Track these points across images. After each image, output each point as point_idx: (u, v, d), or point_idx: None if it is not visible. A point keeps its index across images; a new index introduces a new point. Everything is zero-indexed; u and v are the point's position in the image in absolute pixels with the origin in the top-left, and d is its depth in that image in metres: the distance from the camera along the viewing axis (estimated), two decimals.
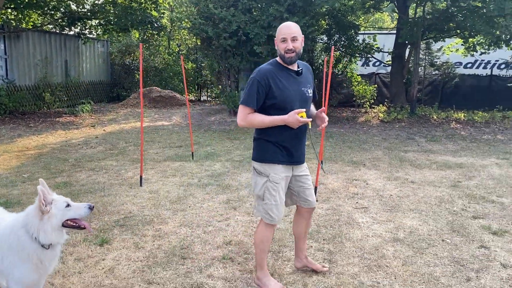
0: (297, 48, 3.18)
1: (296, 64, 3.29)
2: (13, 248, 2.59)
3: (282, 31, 3.21)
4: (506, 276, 3.70)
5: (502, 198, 6.08)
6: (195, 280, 3.53)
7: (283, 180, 3.31)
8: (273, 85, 3.16)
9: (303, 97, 3.27)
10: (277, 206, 3.30)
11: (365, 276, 3.66)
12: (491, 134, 12.39)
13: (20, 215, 2.70)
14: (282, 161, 3.27)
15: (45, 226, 2.59)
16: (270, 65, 3.27)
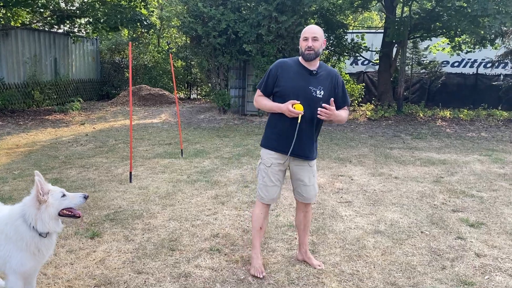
0: (316, 48, 3.44)
1: (317, 65, 3.54)
2: (11, 237, 2.71)
3: (305, 32, 3.49)
4: (478, 265, 3.90)
5: (482, 193, 6.30)
6: (183, 270, 3.68)
7: (276, 166, 3.57)
8: (281, 75, 3.50)
9: (308, 95, 3.44)
10: (266, 187, 3.61)
11: (346, 265, 3.84)
12: (475, 132, 12.68)
13: (17, 206, 2.82)
14: (275, 148, 3.55)
15: (42, 215, 2.71)
16: (290, 60, 3.62)
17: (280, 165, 3.59)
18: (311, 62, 3.50)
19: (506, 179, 7.13)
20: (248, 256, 3.96)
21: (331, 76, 3.58)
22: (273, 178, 3.61)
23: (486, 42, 16.01)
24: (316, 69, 3.52)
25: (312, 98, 3.44)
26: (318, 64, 3.55)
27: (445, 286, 3.52)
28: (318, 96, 3.45)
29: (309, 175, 3.66)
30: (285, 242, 4.33)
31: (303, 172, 3.64)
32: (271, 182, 3.61)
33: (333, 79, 3.57)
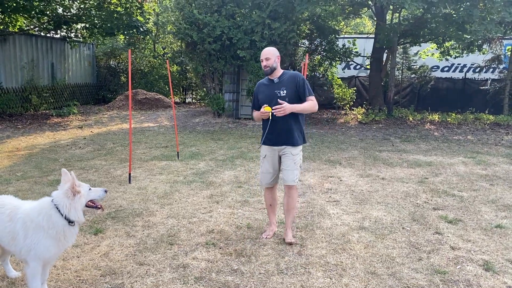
0: (270, 64, 4.51)
1: (278, 75, 4.58)
2: (42, 226, 3.08)
3: (261, 55, 4.56)
4: (452, 256, 4.26)
5: (462, 192, 6.67)
6: (181, 262, 4.01)
7: (268, 157, 4.62)
8: (259, 91, 4.70)
9: (274, 97, 4.46)
10: (262, 173, 4.73)
11: (331, 257, 4.18)
12: (462, 135, 13.09)
13: (46, 199, 3.21)
14: (264, 142, 4.59)
15: (75, 205, 3.12)
16: (263, 79, 4.76)
17: (271, 155, 4.59)
18: (272, 74, 4.57)
19: (487, 180, 7.51)
20: (240, 249, 4.30)
21: (293, 77, 4.55)
22: (267, 167, 4.64)
23: (474, 48, 16.50)
24: (278, 77, 4.57)
25: (278, 98, 4.42)
26: (280, 73, 4.60)
27: (420, 275, 3.86)
28: (282, 95, 4.45)
29: (289, 162, 4.51)
30: (275, 237, 4.66)
31: (285, 159, 4.54)
32: (265, 170, 4.67)
33: (294, 80, 4.52)
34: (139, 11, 16.82)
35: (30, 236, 3.09)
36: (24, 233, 3.10)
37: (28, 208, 3.21)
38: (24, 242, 3.09)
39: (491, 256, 4.29)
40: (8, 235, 3.16)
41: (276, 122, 4.39)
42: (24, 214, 3.14)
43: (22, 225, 3.11)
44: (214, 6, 14.07)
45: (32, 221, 3.10)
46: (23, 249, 3.11)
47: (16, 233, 3.12)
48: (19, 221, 3.13)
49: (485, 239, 4.72)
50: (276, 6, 13.47)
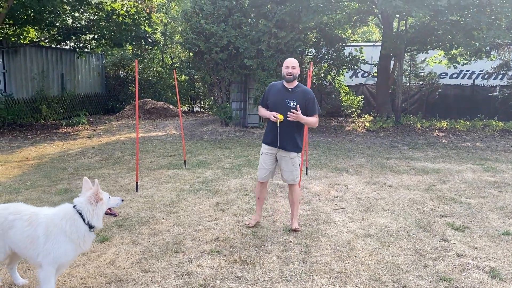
0: (294, 73, 4.97)
1: (294, 85, 5.02)
2: (65, 230, 3.25)
3: (287, 62, 4.98)
4: (458, 263, 4.23)
5: (470, 199, 6.63)
6: (186, 269, 4.03)
7: (266, 155, 5.08)
8: (270, 93, 5.11)
9: (284, 105, 4.90)
10: (260, 169, 5.19)
11: (335, 264, 4.18)
12: (471, 142, 13.00)
13: (67, 205, 3.40)
14: (265, 141, 5.10)
15: (98, 211, 3.34)
16: (278, 82, 5.19)
17: (269, 153, 5.06)
18: (291, 83, 4.99)
19: (496, 187, 7.45)
20: (245, 256, 4.31)
21: (305, 93, 5.01)
22: (263, 163, 5.11)
23: (482, 54, 16.43)
24: (293, 87, 5.00)
25: (286, 107, 4.85)
26: (295, 84, 5.02)
27: (425, 282, 3.85)
28: (291, 106, 4.87)
29: (288, 164, 5.03)
30: (280, 245, 4.67)
31: (284, 161, 5.04)
32: (261, 166, 5.15)
33: (306, 95, 4.99)
34: (147, 22, 17.04)
35: (51, 239, 3.23)
36: (45, 237, 3.23)
37: (49, 213, 3.37)
38: (44, 246, 3.22)
39: (497, 263, 4.25)
40: (26, 240, 3.26)
41: (282, 127, 4.85)
42: (46, 219, 3.29)
43: (44, 229, 3.25)
44: (221, 16, 14.21)
45: (55, 225, 3.26)
46: (42, 253, 3.22)
47: (36, 237, 3.24)
48: (41, 226, 3.26)
49: (492, 246, 4.69)
50: (282, 15, 13.56)
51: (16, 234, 3.29)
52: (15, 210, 3.38)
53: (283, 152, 4.99)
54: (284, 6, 13.76)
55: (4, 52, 14.75)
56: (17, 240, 3.30)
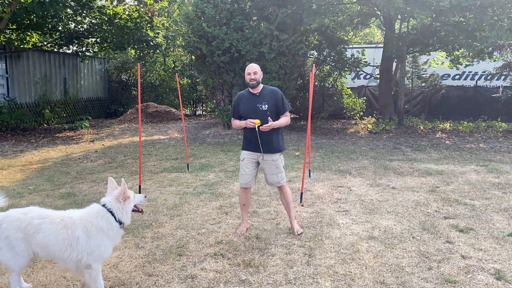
0: (256, 78, 5.01)
1: (259, 89, 5.07)
2: (102, 228, 3.42)
3: (248, 69, 5.04)
4: (463, 265, 4.21)
5: (474, 201, 6.60)
6: (190, 272, 4.02)
7: (246, 160, 5.13)
8: (240, 103, 5.15)
9: (256, 110, 5.01)
10: (242, 175, 5.19)
11: (340, 267, 4.16)
12: (474, 143, 12.96)
13: (96, 205, 3.56)
14: (245, 148, 5.15)
15: (126, 209, 3.55)
16: (244, 91, 5.24)
17: (250, 159, 5.11)
18: (255, 88, 5.06)
19: (500, 188, 7.41)
20: (249, 259, 4.30)
21: (272, 93, 5.09)
22: (245, 168, 5.13)
23: (485, 55, 16.40)
24: (260, 91, 5.08)
25: (259, 111, 4.99)
26: (261, 88, 5.09)
27: (430, 284, 3.82)
28: (263, 109, 4.99)
29: (272, 167, 5.09)
30: (284, 248, 4.66)
31: (267, 165, 5.09)
32: (243, 171, 5.15)
33: (274, 95, 5.07)
34: (149, 26, 17.08)
35: (93, 237, 3.38)
36: (86, 236, 3.36)
37: (82, 214, 3.50)
38: (87, 244, 3.36)
39: (503, 265, 4.23)
40: (63, 243, 3.33)
41: (260, 134, 4.93)
42: (82, 219, 3.41)
43: (82, 229, 3.37)
44: (223, 19, 14.23)
45: (92, 224, 3.40)
46: (85, 252, 3.35)
47: (75, 238, 3.34)
48: (79, 227, 3.37)
49: (497, 248, 4.66)
50: (284, 18, 13.57)
51: (48, 237, 3.32)
52: (40, 214, 3.43)
53: (266, 156, 5.04)
54: (285, 9, 13.78)
55: (7, 56, 14.81)
56: (50, 244, 3.33)
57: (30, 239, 3.33)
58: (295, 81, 15.97)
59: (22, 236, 3.33)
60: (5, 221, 3.37)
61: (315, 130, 15.35)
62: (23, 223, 3.34)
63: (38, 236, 3.32)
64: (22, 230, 3.33)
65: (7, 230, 3.33)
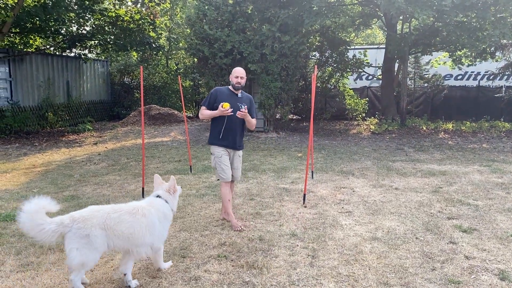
0: (242, 83, 5.46)
1: (240, 91, 5.54)
2: (166, 215, 4.04)
3: (237, 72, 5.47)
4: (467, 266, 4.20)
5: (477, 201, 6.58)
6: (193, 274, 4.03)
7: (225, 155, 5.47)
8: (219, 96, 5.44)
9: (236, 108, 5.34)
10: (225, 169, 5.46)
11: (343, 268, 4.16)
12: (477, 143, 12.94)
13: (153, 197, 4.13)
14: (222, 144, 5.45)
15: (175, 199, 4.21)
16: (223, 87, 5.63)
17: (226, 154, 5.48)
18: (238, 90, 5.51)
19: (503, 188, 7.40)
20: (252, 261, 4.31)
21: (249, 99, 5.64)
22: (225, 162, 5.45)
23: (487, 55, 16.37)
24: (241, 94, 5.56)
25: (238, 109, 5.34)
26: (241, 91, 5.56)
27: (434, 285, 3.82)
28: (243, 109, 5.34)
29: (239, 163, 5.64)
30: (287, 249, 4.66)
31: (236, 160, 5.61)
32: (225, 166, 5.44)
33: (250, 101, 5.61)
34: (151, 27, 17.13)
35: (161, 223, 3.95)
36: (159, 222, 3.92)
37: (148, 203, 4.01)
38: (159, 229, 3.91)
39: (506, 265, 4.22)
40: (145, 230, 3.76)
41: (231, 125, 5.39)
42: (153, 208, 3.93)
43: (156, 216, 3.90)
44: (225, 21, 14.26)
45: (160, 211, 3.98)
46: (157, 236, 3.90)
47: (153, 224, 3.83)
48: (153, 214, 3.88)
49: (501, 248, 4.65)
50: (285, 19, 13.59)
51: (132, 226, 3.69)
52: (113, 208, 3.75)
53: (237, 152, 5.59)
54: (287, 10, 13.80)
55: (10, 60, 14.88)
56: (135, 231, 3.70)
57: (110, 232, 3.59)
58: (297, 83, 15.99)
59: (102, 232, 3.56)
60: (79, 221, 3.53)
61: (317, 131, 15.34)
62: (100, 219, 3.58)
63: (120, 227, 3.63)
64: (101, 226, 3.56)
65: (86, 229, 3.50)
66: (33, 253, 4.57)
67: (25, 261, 4.37)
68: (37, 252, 4.59)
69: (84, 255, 3.48)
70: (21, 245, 4.83)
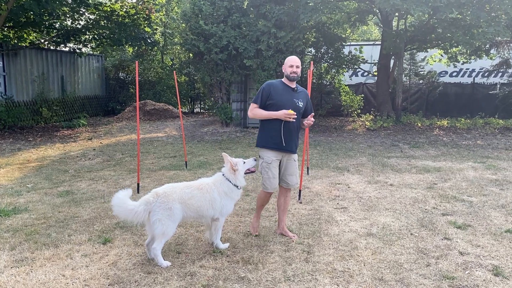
0: (298, 73, 4.79)
1: (295, 84, 4.86)
2: (226, 191, 4.43)
3: (291, 60, 4.79)
4: (461, 262, 4.23)
5: (472, 198, 6.62)
6: (189, 270, 4.03)
7: (275, 162, 4.79)
8: (273, 92, 4.74)
9: (293, 105, 4.73)
10: (270, 179, 4.80)
11: (338, 264, 4.17)
12: (471, 140, 13.00)
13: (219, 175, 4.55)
14: (273, 147, 4.75)
15: (238, 176, 4.49)
16: (275, 81, 4.91)
17: (277, 160, 4.80)
18: (293, 82, 4.82)
19: (497, 185, 7.44)
20: (248, 256, 4.31)
21: (305, 93, 4.98)
22: (273, 171, 4.79)
23: (482, 53, 16.42)
24: (295, 87, 4.87)
25: (296, 107, 4.72)
26: (295, 83, 4.89)
27: (428, 280, 3.84)
28: (300, 106, 4.79)
29: (294, 167, 4.90)
30: (282, 245, 4.67)
31: (291, 164, 4.87)
32: (272, 175, 4.79)
33: (306, 96, 4.97)
34: (146, 23, 17.04)
35: (222, 198, 4.40)
36: (220, 197, 4.38)
37: (212, 181, 4.50)
38: (220, 203, 4.38)
39: (500, 261, 4.25)
40: (209, 203, 4.33)
41: (289, 126, 4.71)
42: (214, 186, 4.41)
43: (217, 192, 4.38)
44: (220, 17, 14.21)
45: (221, 187, 4.43)
46: (218, 209, 4.38)
47: (214, 199, 4.35)
48: (215, 190, 4.39)
49: (495, 244, 4.68)
50: (281, 15, 13.55)
51: (200, 200, 4.30)
52: (186, 185, 4.40)
53: (289, 156, 4.84)
54: (282, 6, 13.76)
55: (4, 54, 14.76)
56: (201, 205, 4.30)
57: (185, 205, 4.23)
58: None
59: (181, 205, 4.20)
60: (163, 195, 4.18)
61: (313, 128, 15.35)
62: (178, 194, 4.22)
63: (192, 201, 4.26)
64: (179, 200, 4.20)
65: (169, 203, 4.14)
66: (27, 249, 4.55)
67: (19, 257, 4.34)
68: (31, 248, 4.57)
69: (166, 225, 4.10)
70: (15, 240, 4.80)
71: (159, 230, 4.07)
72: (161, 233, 4.09)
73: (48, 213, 5.81)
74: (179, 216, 4.22)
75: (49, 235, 4.97)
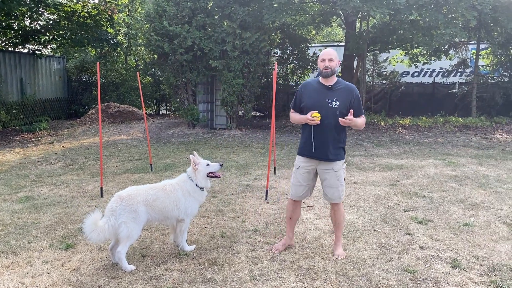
0: (332, 67, 4.19)
1: (333, 81, 4.25)
2: (190, 191, 4.41)
3: (323, 54, 4.26)
4: (422, 256, 4.36)
5: (432, 194, 6.83)
6: (154, 273, 3.98)
7: (302, 168, 4.37)
8: (304, 93, 4.31)
9: (324, 106, 4.14)
10: (294, 186, 4.50)
11: (303, 261, 4.22)
12: (432, 138, 13.41)
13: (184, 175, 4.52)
14: (301, 153, 4.40)
15: (198, 176, 4.44)
16: (312, 80, 4.44)
17: (307, 168, 4.34)
18: (328, 78, 4.22)
19: (456, 181, 7.71)
20: (214, 258, 4.30)
21: (348, 91, 4.24)
22: (300, 178, 4.40)
23: (441, 53, 16.99)
24: (333, 84, 4.23)
25: (328, 109, 4.13)
26: (335, 80, 4.25)
27: (390, 275, 3.94)
28: (333, 107, 4.14)
29: (332, 179, 4.29)
30: (249, 245, 4.68)
31: (327, 175, 4.29)
32: (297, 182, 4.44)
33: (350, 93, 4.23)
34: (109, 23, 16.72)
35: (186, 198, 4.39)
36: (184, 197, 4.38)
37: (176, 181, 4.49)
38: (185, 204, 4.37)
39: (458, 253, 4.40)
40: (173, 204, 4.32)
41: (324, 134, 4.14)
42: (178, 186, 4.41)
43: (181, 192, 4.38)
44: (185, 17, 14.11)
45: (183, 188, 4.41)
46: (183, 210, 4.36)
47: (179, 199, 4.35)
48: (179, 190, 4.38)
49: (453, 238, 4.85)
50: (245, 16, 13.59)
51: (165, 201, 4.29)
52: (150, 187, 4.40)
53: (324, 164, 4.25)
54: (247, 8, 13.80)
55: None
56: (166, 206, 4.29)
57: (149, 207, 4.21)
58: (259, 80, 16.04)
59: (145, 208, 4.18)
60: (127, 198, 4.14)
61: (280, 128, 15.46)
62: (143, 196, 4.20)
63: (157, 202, 4.25)
64: (144, 202, 4.17)
65: (134, 205, 4.11)
66: None
67: None
68: None
69: (131, 228, 4.06)
70: None
71: (124, 233, 4.02)
72: (126, 236, 4.04)
73: (6, 220, 5.60)
74: (144, 219, 4.18)
75: (8, 242, 4.80)
